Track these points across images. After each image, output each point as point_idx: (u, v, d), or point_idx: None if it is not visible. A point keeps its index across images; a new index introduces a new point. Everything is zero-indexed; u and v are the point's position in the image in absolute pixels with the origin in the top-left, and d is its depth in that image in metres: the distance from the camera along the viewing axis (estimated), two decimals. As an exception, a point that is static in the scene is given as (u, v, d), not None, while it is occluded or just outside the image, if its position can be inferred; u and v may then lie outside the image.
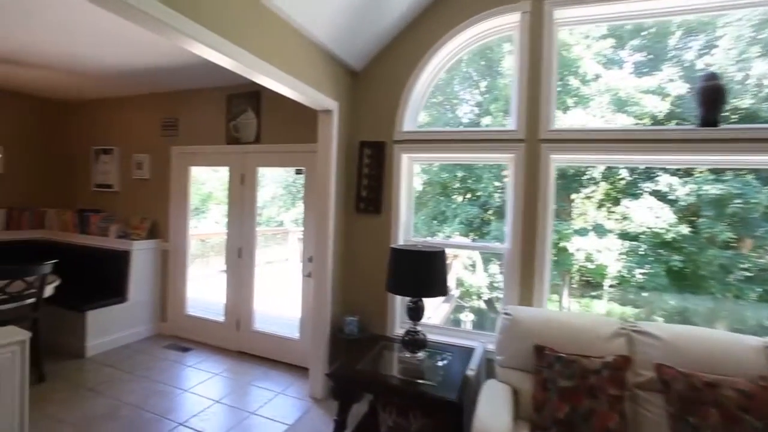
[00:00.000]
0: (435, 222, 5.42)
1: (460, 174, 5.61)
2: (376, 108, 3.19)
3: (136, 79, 3.81)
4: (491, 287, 5.51)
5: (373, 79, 3.22)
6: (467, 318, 5.52)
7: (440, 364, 2.43)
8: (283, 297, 6.02)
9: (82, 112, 4.85)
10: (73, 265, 4.24)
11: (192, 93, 4.12)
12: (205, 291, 6.29)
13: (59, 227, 4.57)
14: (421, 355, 2.42)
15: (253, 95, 3.75)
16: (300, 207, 11.71)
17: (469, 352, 2.60)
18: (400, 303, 3.13)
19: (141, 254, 4.08)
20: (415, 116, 3.19)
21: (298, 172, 3.60)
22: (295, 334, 3.70)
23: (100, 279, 4.07)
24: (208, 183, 10.93)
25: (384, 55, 3.17)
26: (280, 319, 4.94)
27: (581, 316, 2.37)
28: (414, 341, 2.39)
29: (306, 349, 3.45)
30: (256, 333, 3.84)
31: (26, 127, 4.68)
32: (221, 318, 4.02)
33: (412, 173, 3.23)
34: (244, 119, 3.80)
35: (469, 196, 5.54)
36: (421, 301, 2.41)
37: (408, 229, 3.20)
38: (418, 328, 2.43)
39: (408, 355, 2.42)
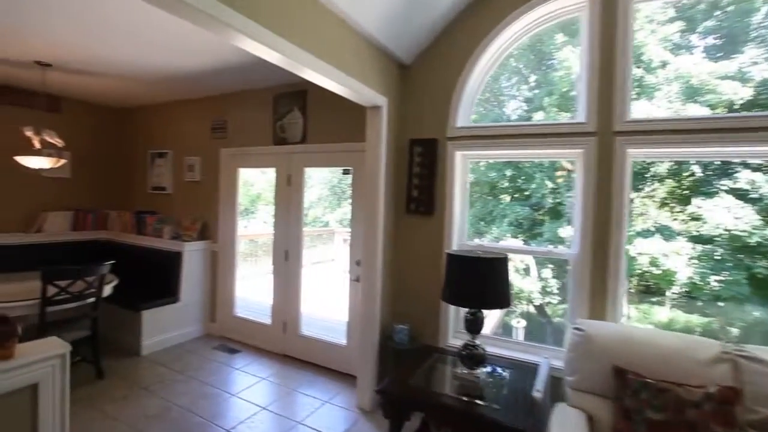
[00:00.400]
0: (482, 223, 5.14)
1: (508, 173, 5.29)
2: (427, 103, 3.00)
3: (187, 83, 3.86)
4: (543, 292, 5.15)
5: (423, 73, 3.03)
6: (519, 324, 5.19)
7: (501, 382, 2.20)
8: (329, 299, 5.97)
9: (140, 118, 5.04)
10: (131, 265, 4.39)
11: (240, 95, 4.13)
12: (254, 291, 6.40)
13: (119, 228, 4.76)
14: (479, 371, 2.20)
15: (300, 94, 3.68)
16: (345, 207, 11.82)
17: (531, 368, 2.34)
18: (454, 312, 2.92)
19: (192, 255, 4.14)
20: (468, 112, 2.96)
21: (346, 172, 3.48)
22: (341, 339, 3.58)
23: (155, 279, 4.17)
24: (257, 184, 11.22)
25: (435, 47, 2.97)
26: (326, 322, 4.86)
27: (670, 335, 2.05)
28: (472, 356, 2.18)
29: (353, 356, 3.32)
30: (302, 337, 3.77)
31: (91, 134, 4.92)
32: (268, 320, 4.00)
33: (466, 172, 3.00)
34: (291, 119, 3.74)
35: (517, 195, 5.21)
36: (481, 312, 2.19)
37: (462, 231, 2.98)
38: (477, 341, 2.21)
39: (465, 371, 2.21)
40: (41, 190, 4.53)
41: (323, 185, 11.93)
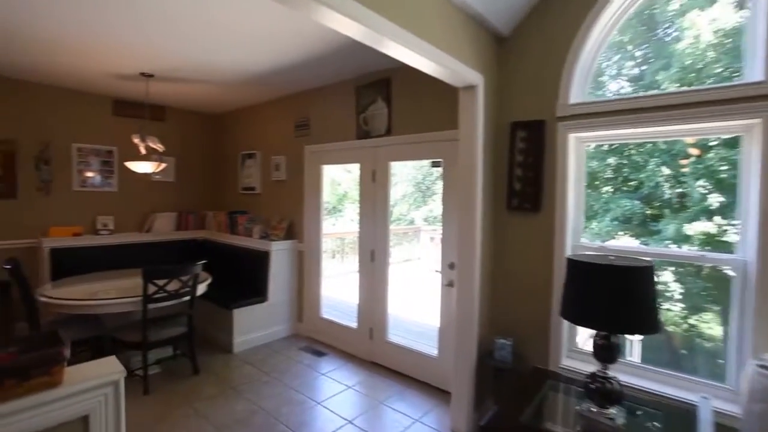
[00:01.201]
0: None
1: (612, 160, 4.49)
2: (531, 79, 2.53)
3: (273, 81, 3.83)
4: (663, 297, 4.26)
5: (525, 43, 2.56)
6: (634, 339, 4.37)
7: (645, 426, 1.68)
8: (417, 300, 5.68)
9: (231, 121, 5.23)
10: (225, 263, 4.54)
11: (321, 90, 4.00)
12: (341, 290, 6.37)
13: (215, 228, 4.98)
14: (613, 411, 1.71)
15: (383, 83, 3.42)
16: (431, 204, 11.45)
17: (681, 409, 1.78)
18: (567, 328, 2.42)
19: (279, 254, 4.13)
20: (583, 86, 2.43)
21: (435, 164, 3.13)
22: (432, 349, 3.25)
23: (246, 277, 4.25)
24: (343, 183, 11.37)
25: (540, 10, 2.49)
26: (415, 326, 4.58)
27: None
28: (604, 392, 1.69)
29: (446, 370, 2.97)
30: (390, 345, 3.51)
31: (190, 140, 5.23)
32: (354, 323, 3.82)
33: (582, 158, 2.48)
34: (374, 110, 3.50)
35: (626, 188, 4.37)
36: (616, 337, 1.70)
37: (577, 231, 2.46)
38: (610, 372, 1.72)
39: (593, 409, 1.73)
40: (152, 193, 4.91)
41: (407, 181, 11.68)
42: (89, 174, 4.42)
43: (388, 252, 3.54)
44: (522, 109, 2.55)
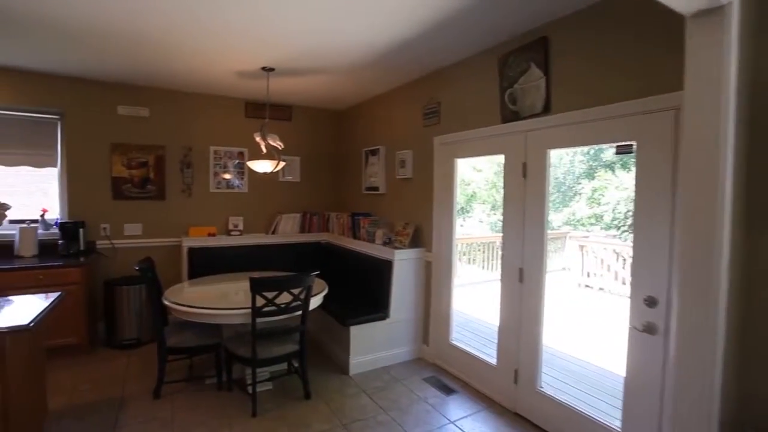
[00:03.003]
0: None
1: None
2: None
3: (395, 62, 3.25)
4: None
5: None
6: None
7: None
8: (573, 325, 4.56)
9: (353, 116, 4.88)
10: (344, 270, 4.17)
11: (454, 68, 3.28)
12: (471, 302, 5.58)
13: (338, 230, 4.68)
14: None
15: (538, 45, 2.54)
16: (574, 206, 9.74)
17: None
18: None
19: (403, 265, 3.55)
20: None
21: (622, 150, 2.14)
22: (612, 418, 2.26)
23: (366, 288, 3.79)
24: (471, 184, 10.44)
25: None
26: (575, 365, 3.58)
27: None
28: None
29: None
30: (543, 397, 2.61)
31: (314, 139, 5.06)
32: (493, 359, 3.01)
33: None
34: (526, 82, 2.63)
35: None
36: None
37: None
38: None
39: None
40: (279, 193, 4.86)
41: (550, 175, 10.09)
42: (224, 176, 4.51)
43: (544, 273, 2.63)
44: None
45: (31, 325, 1.91)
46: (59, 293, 2.48)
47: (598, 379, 3.38)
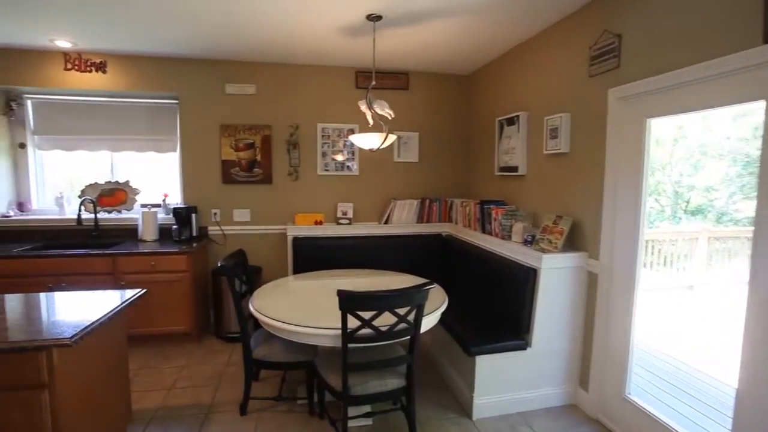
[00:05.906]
0: None
1: None
2: None
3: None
4: None
5: None
6: None
7: None
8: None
9: (485, 79, 3.85)
10: (469, 274, 3.28)
11: (656, -29, 2.06)
12: (664, 324, 3.94)
13: (462, 221, 3.79)
14: None
15: None
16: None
17: None
18: None
19: (553, 275, 2.51)
20: None
21: None
22: None
23: (498, 301, 2.84)
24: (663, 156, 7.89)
25: None
26: None
27: None
28: None
29: None
30: None
31: (437, 110, 4.20)
32: (713, 445, 1.82)
33: None
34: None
35: None
36: None
37: None
38: None
39: None
40: (394, 176, 4.18)
41: (723, 154, 7.35)
42: (335, 157, 3.99)
43: None
44: None
45: (74, 339, 1.54)
46: (140, 290, 2.18)
47: None
